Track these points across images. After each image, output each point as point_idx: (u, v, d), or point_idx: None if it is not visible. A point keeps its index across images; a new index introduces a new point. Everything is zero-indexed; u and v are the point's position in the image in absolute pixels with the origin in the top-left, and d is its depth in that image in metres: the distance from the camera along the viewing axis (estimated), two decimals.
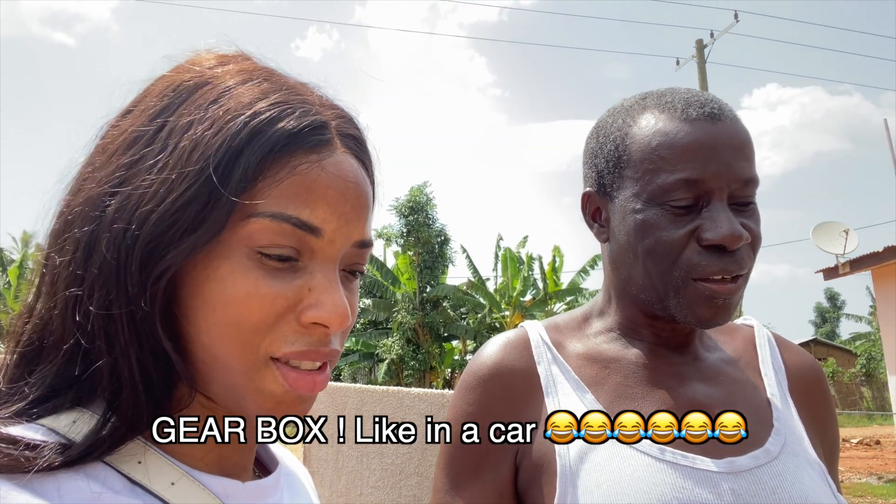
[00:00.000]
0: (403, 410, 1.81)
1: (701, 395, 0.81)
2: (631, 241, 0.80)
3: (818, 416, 0.86)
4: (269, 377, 0.48)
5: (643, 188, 0.78)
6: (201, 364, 0.48)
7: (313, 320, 0.48)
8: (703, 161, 0.75)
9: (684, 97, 0.81)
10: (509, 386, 0.84)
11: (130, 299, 0.45)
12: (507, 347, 0.87)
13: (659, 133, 0.78)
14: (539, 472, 0.77)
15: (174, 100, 0.50)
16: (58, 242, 0.49)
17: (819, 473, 0.77)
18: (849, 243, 10.57)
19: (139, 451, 0.47)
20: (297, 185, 0.48)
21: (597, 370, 0.84)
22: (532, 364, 0.85)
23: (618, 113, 0.86)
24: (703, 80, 14.60)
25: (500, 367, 0.85)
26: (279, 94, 0.50)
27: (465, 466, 0.81)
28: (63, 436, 0.44)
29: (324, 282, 0.49)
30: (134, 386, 0.46)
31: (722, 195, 0.76)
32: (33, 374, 0.47)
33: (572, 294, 18.03)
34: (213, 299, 0.46)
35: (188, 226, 0.45)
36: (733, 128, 0.78)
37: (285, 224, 0.47)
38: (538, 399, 0.82)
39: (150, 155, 0.47)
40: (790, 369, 0.88)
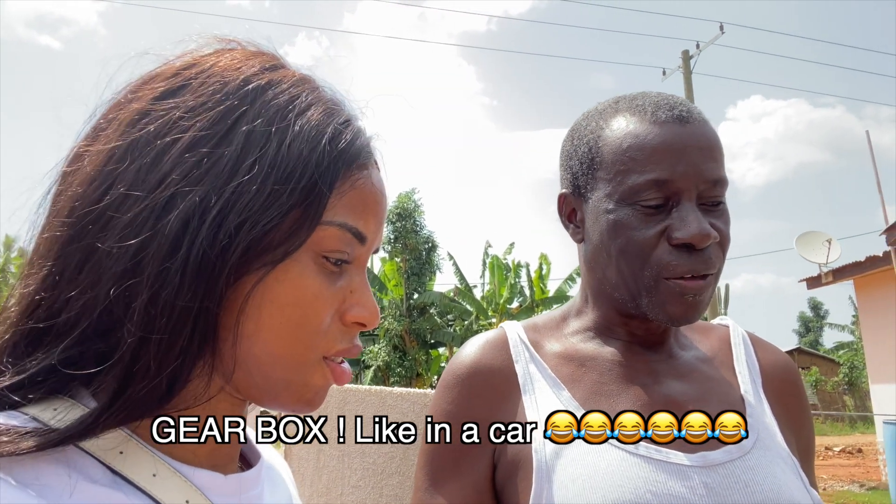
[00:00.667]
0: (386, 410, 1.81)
1: (675, 391, 0.82)
2: (604, 240, 0.83)
3: (792, 413, 0.88)
4: (319, 372, 0.52)
5: (615, 189, 0.81)
6: (253, 359, 0.49)
7: (356, 319, 0.53)
8: (671, 162, 0.78)
9: (654, 100, 0.83)
10: (487, 384, 0.85)
11: (203, 300, 0.46)
12: (485, 347, 0.89)
13: (630, 135, 0.81)
14: (516, 468, 0.79)
15: (236, 101, 0.50)
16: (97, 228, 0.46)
17: (791, 467, 0.78)
18: (832, 253, 10.70)
19: (121, 441, 0.46)
20: (356, 197, 0.53)
21: (573, 368, 0.86)
22: (510, 363, 0.87)
23: (591, 116, 0.88)
24: (688, 90, 14.76)
25: (478, 365, 0.87)
26: (344, 111, 0.55)
27: (445, 464, 0.83)
28: (41, 422, 0.44)
29: (361, 284, 0.54)
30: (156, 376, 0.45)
31: (691, 195, 0.78)
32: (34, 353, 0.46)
33: (559, 301, 18.08)
34: (282, 299, 0.49)
35: (284, 237, 0.48)
36: (701, 130, 0.81)
37: (348, 233, 0.52)
38: (516, 397, 0.84)
39: (226, 160, 0.47)
40: (764, 367, 0.90)
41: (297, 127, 0.50)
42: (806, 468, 0.84)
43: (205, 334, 0.47)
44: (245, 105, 0.50)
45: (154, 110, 0.49)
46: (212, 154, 0.48)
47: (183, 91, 0.50)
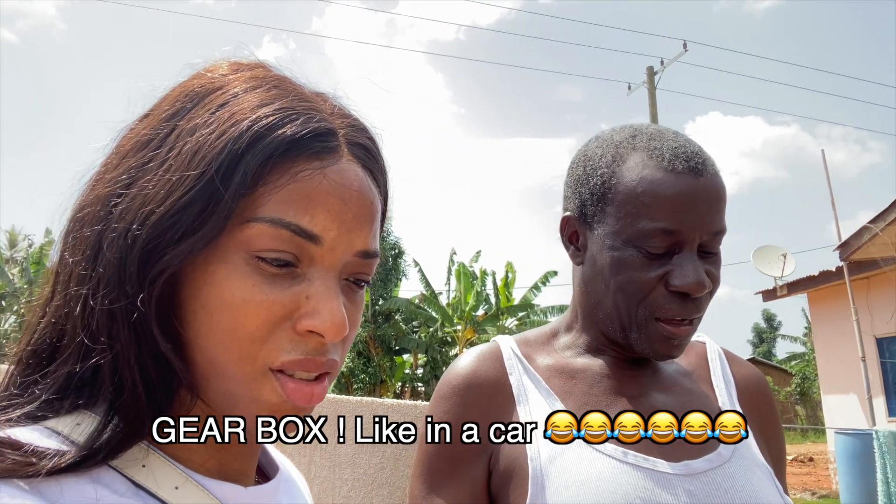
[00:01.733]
0: None
1: (660, 403, 0.87)
2: (604, 273, 0.87)
3: (764, 424, 0.94)
4: (267, 387, 0.47)
5: (623, 229, 0.84)
6: (200, 369, 0.48)
7: (309, 328, 0.47)
8: (682, 214, 0.82)
9: (672, 146, 0.86)
10: (483, 395, 0.89)
11: (129, 299, 0.45)
12: (480, 359, 0.93)
13: (645, 180, 0.84)
14: (511, 474, 0.82)
15: (185, 104, 0.50)
16: (70, 242, 0.49)
17: (767, 475, 0.83)
18: (787, 267, 11.03)
19: (142, 454, 0.46)
20: (298, 191, 0.47)
21: (564, 381, 0.90)
22: (504, 375, 0.91)
23: (607, 146, 0.90)
24: (653, 105, 15.10)
25: (474, 377, 0.90)
26: (286, 100, 0.50)
27: (441, 471, 0.85)
28: (67, 438, 0.44)
29: (322, 290, 0.48)
30: (134, 387, 0.45)
31: (693, 245, 0.83)
32: (45, 374, 0.47)
33: (524, 310, 18.25)
34: (210, 303, 0.46)
35: (187, 228, 0.45)
36: (713, 183, 0.84)
37: (283, 230, 0.46)
38: (510, 407, 0.88)
39: (157, 157, 0.48)
40: (738, 382, 0.96)
41: (217, 120, 0.48)
42: (779, 476, 0.89)
43: (147, 340, 0.46)
44: (190, 107, 0.50)
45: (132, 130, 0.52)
46: (148, 156, 0.48)
47: (157, 107, 0.52)
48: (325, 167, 0.49)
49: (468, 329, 18.20)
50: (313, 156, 0.49)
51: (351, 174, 0.50)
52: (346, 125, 0.53)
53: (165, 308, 0.47)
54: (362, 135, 0.54)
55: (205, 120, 0.48)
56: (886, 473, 2.10)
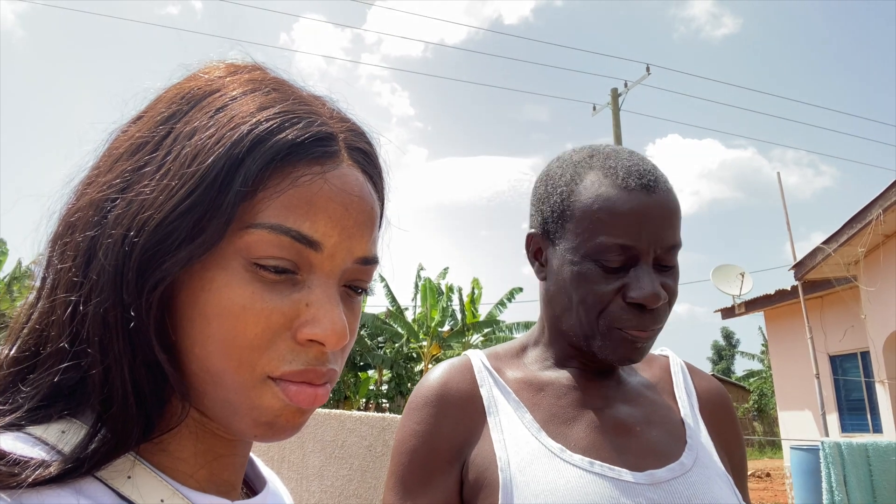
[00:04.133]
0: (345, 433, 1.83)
1: (624, 414, 0.91)
2: (566, 287, 0.90)
3: (725, 435, 0.98)
4: (268, 393, 0.46)
5: (581, 244, 0.88)
6: (195, 377, 0.47)
7: (309, 337, 0.46)
8: (636, 229, 0.86)
9: (626, 164, 0.90)
10: (454, 406, 0.92)
11: (126, 307, 0.44)
12: (452, 372, 0.96)
13: (600, 198, 0.88)
14: (482, 484, 0.85)
15: (182, 107, 0.49)
16: (58, 247, 0.48)
17: (727, 484, 0.87)
18: (744, 285, 11.28)
19: (128, 465, 0.45)
20: (299, 196, 0.46)
21: (533, 393, 0.93)
22: (475, 387, 0.94)
23: (566, 166, 0.95)
24: (616, 126, 15.40)
25: (445, 388, 0.93)
26: (286, 104, 0.49)
27: (414, 482, 0.87)
28: (52, 447, 0.43)
29: (322, 297, 0.47)
30: (125, 398, 0.44)
31: (648, 258, 0.87)
32: (27, 381, 0.45)
33: (489, 326, 18.27)
34: (209, 311, 0.45)
35: (186, 234, 0.44)
36: (665, 199, 0.88)
37: (283, 236, 0.45)
38: (481, 419, 0.91)
39: (153, 161, 0.46)
40: (700, 393, 1.00)
41: (216, 123, 0.46)
42: (739, 485, 0.93)
43: (142, 350, 0.45)
44: (186, 109, 0.48)
45: (125, 132, 0.50)
46: (144, 160, 0.47)
47: (151, 109, 0.51)
48: (326, 172, 0.48)
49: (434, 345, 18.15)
50: (314, 160, 0.48)
51: (352, 179, 0.50)
52: (346, 129, 0.52)
53: (161, 315, 0.45)
54: (361, 139, 0.53)
55: (203, 123, 0.47)
56: (831, 483, 2.17)
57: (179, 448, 0.49)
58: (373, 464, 1.87)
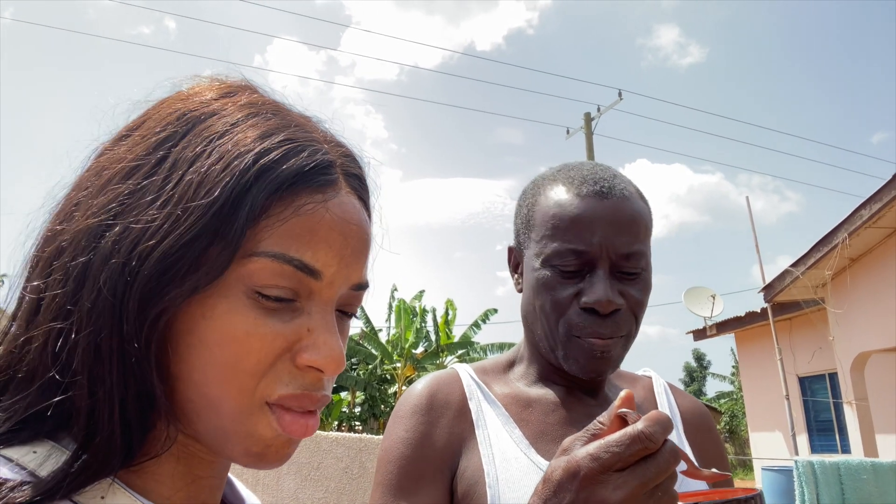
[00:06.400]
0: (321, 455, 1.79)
1: None
2: (531, 295, 0.92)
3: (709, 454, 0.98)
4: (263, 421, 0.46)
5: (541, 251, 0.90)
6: (190, 404, 0.46)
7: (309, 363, 0.46)
8: (587, 234, 0.86)
9: (584, 173, 0.92)
10: (443, 416, 0.91)
11: (124, 338, 0.43)
12: (439, 383, 0.95)
13: (556, 204, 0.90)
14: (470, 498, 0.84)
15: (177, 129, 0.48)
16: (44, 270, 0.46)
17: None
18: (715, 307, 11.46)
19: (104, 485, 0.44)
20: (301, 225, 0.46)
21: (521, 409, 0.93)
22: (464, 399, 0.93)
23: (537, 180, 0.98)
24: (590, 150, 15.65)
25: (434, 398, 0.92)
26: (288, 131, 0.49)
27: (403, 490, 0.85)
28: (28, 470, 0.41)
29: (322, 324, 0.47)
30: (111, 428, 0.43)
31: (605, 265, 0.87)
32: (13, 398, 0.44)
33: (464, 347, 18.23)
34: (209, 338, 0.45)
35: (192, 264, 0.43)
36: (619, 205, 0.88)
37: (286, 265, 0.45)
38: (469, 431, 0.90)
39: (151, 187, 0.45)
40: (684, 413, 1.01)
41: (219, 150, 0.46)
42: None
43: (137, 381, 0.44)
44: (182, 132, 0.48)
45: (112, 150, 0.49)
46: (140, 185, 0.46)
47: (140, 127, 0.50)
48: (328, 200, 0.48)
49: (408, 366, 18.03)
50: (316, 189, 0.48)
51: (350, 207, 0.50)
52: (341, 155, 0.52)
53: (158, 344, 0.45)
54: (355, 165, 0.54)
55: (205, 150, 0.46)
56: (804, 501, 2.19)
57: (158, 470, 0.48)
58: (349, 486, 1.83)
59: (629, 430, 0.55)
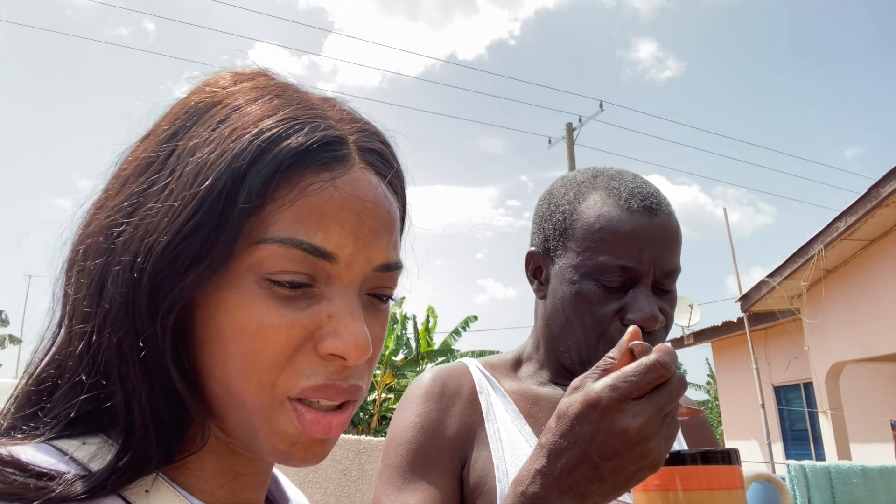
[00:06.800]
0: None
1: None
2: (564, 306, 0.90)
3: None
4: (284, 417, 0.44)
5: (582, 263, 0.88)
6: (217, 400, 0.45)
7: (330, 351, 0.44)
8: (637, 251, 0.86)
9: (629, 186, 0.91)
10: (454, 404, 0.91)
11: (139, 336, 0.43)
12: (450, 373, 0.95)
13: (602, 217, 0.88)
14: (480, 491, 0.84)
15: (185, 122, 0.47)
16: (72, 274, 0.47)
17: None
18: (693, 316, 11.60)
19: (149, 480, 0.44)
20: (308, 206, 0.44)
21: (530, 405, 0.93)
22: (474, 391, 0.93)
23: (570, 185, 0.96)
24: (571, 160, 15.78)
25: (445, 387, 0.92)
26: (289, 109, 0.46)
27: (414, 472, 0.84)
28: (79, 462, 0.42)
29: (343, 308, 0.45)
30: (145, 427, 0.43)
31: (648, 281, 0.87)
32: (45, 410, 0.44)
33: (444, 355, 18.19)
34: (225, 332, 0.43)
35: (194, 256, 0.42)
36: (667, 222, 0.89)
37: (295, 250, 0.43)
38: (479, 422, 0.90)
39: (158, 181, 0.45)
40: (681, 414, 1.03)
41: (217, 136, 0.45)
42: None
43: (160, 379, 0.43)
44: (189, 125, 0.47)
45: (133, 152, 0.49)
46: (149, 181, 0.45)
47: (157, 126, 0.50)
48: (336, 178, 0.45)
49: (387, 373, 17.96)
50: (322, 167, 0.45)
51: (364, 183, 0.47)
52: (356, 130, 0.49)
53: (177, 340, 0.44)
54: (374, 139, 0.51)
55: (205, 138, 0.45)
56: None
57: (200, 466, 0.47)
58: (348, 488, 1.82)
59: (645, 360, 0.59)
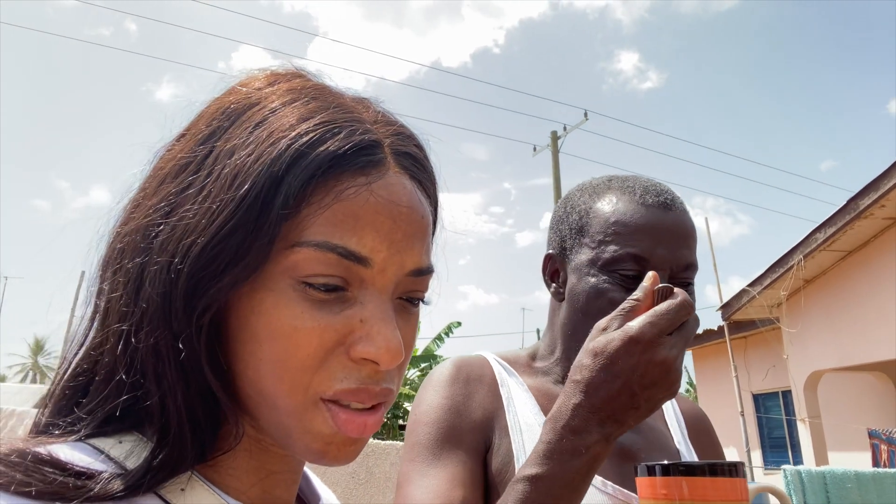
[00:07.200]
0: None
1: (629, 441, 0.93)
2: (582, 301, 0.91)
3: (708, 453, 1.03)
4: (319, 418, 0.45)
5: (598, 255, 0.90)
6: (249, 400, 0.46)
7: (363, 355, 0.44)
8: (651, 242, 0.87)
9: (644, 184, 0.94)
10: (477, 391, 0.92)
11: (176, 336, 0.43)
12: (472, 362, 0.97)
13: (617, 211, 0.91)
14: (503, 477, 0.85)
15: (223, 123, 0.47)
16: (109, 273, 0.47)
17: None
18: None
19: (183, 478, 0.44)
20: (344, 211, 0.44)
21: (547, 401, 0.94)
22: (494, 381, 0.95)
23: (586, 189, 0.99)
24: (556, 167, 15.89)
25: (470, 373, 0.94)
26: (326, 112, 0.47)
27: (442, 449, 0.85)
28: (115, 460, 0.42)
29: (376, 313, 0.45)
30: (180, 426, 0.43)
31: (665, 275, 0.87)
32: (81, 406, 0.45)
33: (426, 360, 18.18)
34: (259, 334, 0.44)
35: (231, 258, 0.43)
36: (681, 218, 0.91)
37: (330, 254, 0.43)
38: (500, 411, 0.91)
39: (196, 182, 0.45)
40: (687, 419, 1.05)
41: (255, 140, 0.45)
42: None
43: (196, 378, 0.44)
44: (226, 126, 0.47)
45: (169, 151, 0.50)
46: (187, 182, 0.46)
47: (193, 126, 0.50)
48: (372, 182, 0.45)
49: None
50: (358, 171, 0.45)
51: (399, 188, 0.47)
52: (391, 133, 0.49)
53: (212, 341, 0.44)
54: (409, 142, 0.51)
55: (243, 140, 0.45)
56: None
57: (233, 464, 0.48)
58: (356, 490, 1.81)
59: (677, 299, 0.69)
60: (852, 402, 9.83)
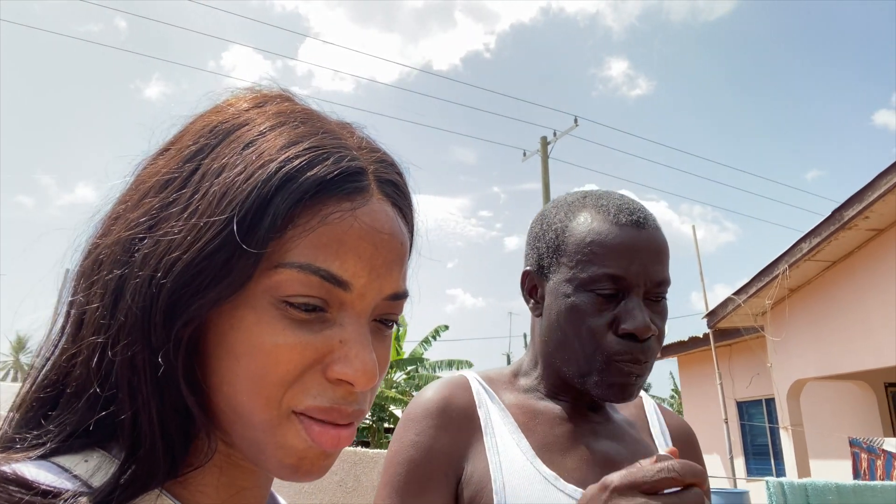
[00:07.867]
0: None
1: (612, 451, 0.95)
2: (561, 320, 0.94)
3: None
4: (292, 432, 0.45)
5: (575, 276, 0.93)
6: (223, 415, 0.46)
7: (339, 376, 0.45)
8: (626, 261, 0.91)
9: (617, 203, 0.96)
10: (454, 421, 0.93)
11: (154, 351, 0.43)
12: (450, 388, 0.98)
13: (592, 231, 0.93)
14: (477, 501, 0.87)
15: (209, 141, 0.48)
16: (84, 283, 0.47)
17: None
18: None
19: (152, 496, 0.44)
20: (328, 235, 0.45)
21: (528, 419, 0.96)
22: (473, 405, 0.96)
23: (561, 206, 1.01)
24: (545, 173, 15.94)
25: (446, 403, 0.95)
26: (315, 138, 0.48)
27: (410, 492, 0.88)
28: (80, 479, 0.42)
29: (354, 336, 0.46)
30: (153, 441, 0.43)
31: (639, 291, 0.91)
32: (49, 418, 0.45)
33: (413, 364, 18.16)
34: (238, 349, 0.44)
35: (214, 275, 0.43)
36: (654, 236, 0.95)
37: (313, 276, 0.44)
38: (478, 437, 0.93)
39: (181, 199, 0.46)
40: (672, 432, 1.07)
41: (244, 161, 0.45)
42: None
43: (171, 394, 0.44)
44: (213, 144, 0.48)
45: (152, 164, 0.50)
46: (171, 198, 0.46)
47: (177, 141, 0.50)
48: (357, 208, 0.47)
49: None
50: (344, 197, 0.46)
51: (381, 216, 0.49)
52: (375, 160, 0.51)
53: (189, 356, 0.45)
54: (392, 170, 0.52)
55: (231, 160, 0.46)
56: None
57: (203, 480, 0.48)
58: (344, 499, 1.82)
59: (666, 463, 0.68)
60: (834, 411, 9.94)
